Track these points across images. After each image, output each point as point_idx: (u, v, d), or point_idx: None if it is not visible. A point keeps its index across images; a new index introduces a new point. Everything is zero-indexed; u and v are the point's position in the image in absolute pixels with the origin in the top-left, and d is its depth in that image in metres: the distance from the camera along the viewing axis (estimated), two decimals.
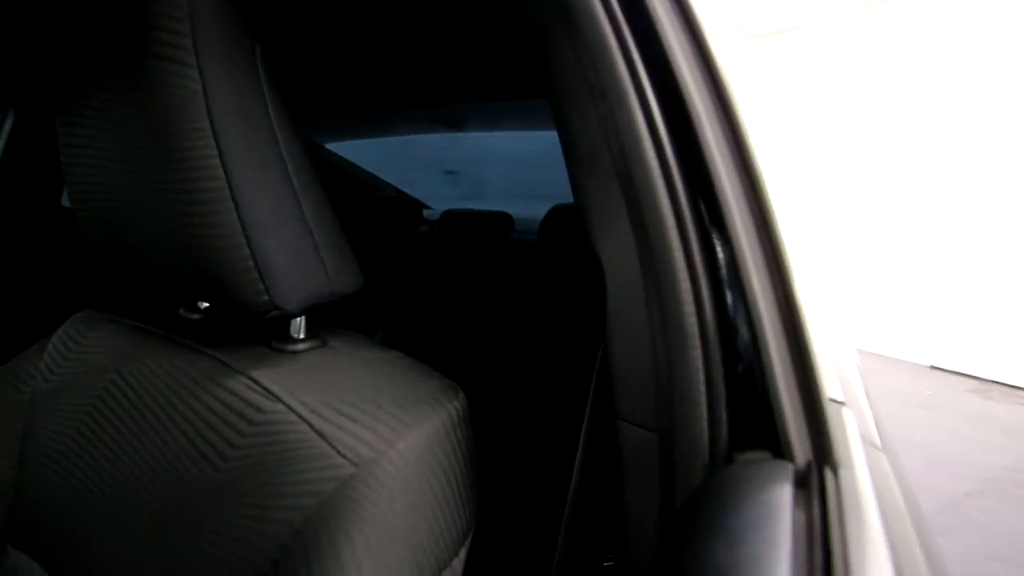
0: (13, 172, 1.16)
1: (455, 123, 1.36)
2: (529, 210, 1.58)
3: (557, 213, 1.26)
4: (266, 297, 0.34)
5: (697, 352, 0.31)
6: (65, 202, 1.28)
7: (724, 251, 0.32)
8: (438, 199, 1.84)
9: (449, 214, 1.53)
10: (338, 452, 0.28)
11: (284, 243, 0.34)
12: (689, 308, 0.32)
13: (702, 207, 0.33)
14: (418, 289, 1.21)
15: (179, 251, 0.34)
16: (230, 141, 0.32)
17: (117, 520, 0.37)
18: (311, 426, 0.30)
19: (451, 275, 1.25)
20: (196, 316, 0.47)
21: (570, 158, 0.41)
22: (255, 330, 0.43)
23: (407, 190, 1.83)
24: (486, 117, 1.38)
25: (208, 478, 0.32)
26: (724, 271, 0.32)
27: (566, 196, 1.38)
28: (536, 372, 1.02)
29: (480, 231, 1.47)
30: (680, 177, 0.33)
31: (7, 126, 1.13)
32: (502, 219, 1.49)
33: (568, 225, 1.24)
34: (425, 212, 1.79)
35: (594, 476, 0.42)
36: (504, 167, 1.83)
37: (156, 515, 0.35)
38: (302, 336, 0.41)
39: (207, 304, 0.48)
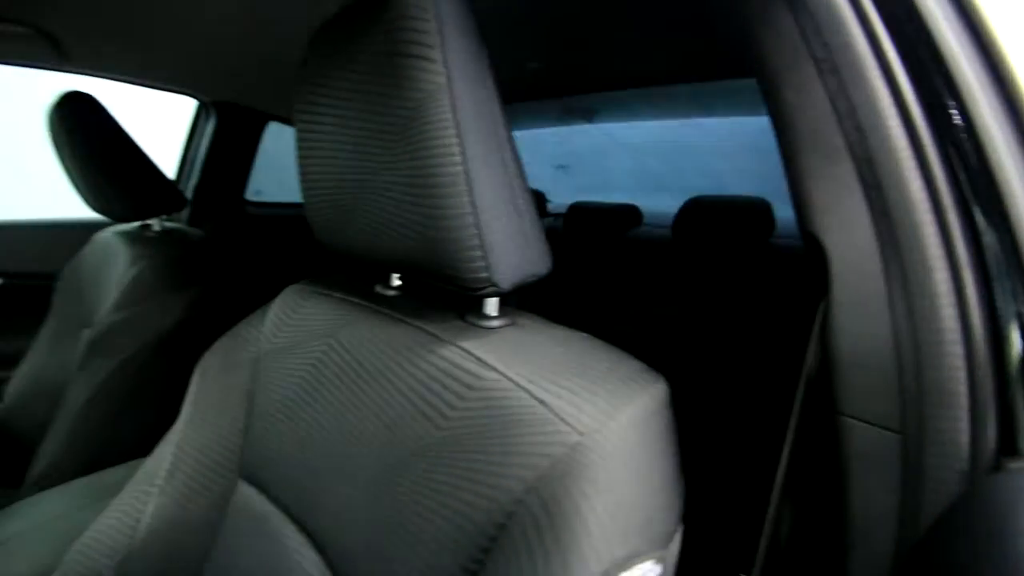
0: (213, 167, 1.38)
1: (587, 114, 1.36)
2: (652, 202, 1.54)
3: (695, 206, 1.22)
4: (485, 274, 0.36)
5: (956, 349, 0.28)
6: (247, 196, 1.50)
7: (999, 240, 0.28)
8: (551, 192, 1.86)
9: (576, 207, 1.53)
10: (562, 420, 0.30)
11: (503, 225, 0.37)
12: (946, 301, 0.29)
13: (967, 191, 0.30)
14: (553, 280, 1.23)
15: (408, 232, 0.38)
16: (468, 130, 0.34)
17: (340, 465, 0.42)
18: (531, 394, 0.32)
19: (584, 267, 1.26)
20: (391, 292, 0.53)
21: (785, 138, 0.39)
22: (446, 306, 0.47)
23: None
24: (617, 106, 1.37)
25: (431, 434, 0.36)
26: (995, 262, 0.28)
27: (697, 188, 1.33)
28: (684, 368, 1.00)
29: (607, 224, 1.46)
30: (938, 159, 0.30)
31: (210, 127, 1.34)
32: (629, 212, 1.47)
33: (708, 218, 1.19)
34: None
35: (802, 475, 0.40)
36: (625, 158, 1.79)
37: (380, 463, 0.39)
38: (495, 313, 0.43)
39: (400, 282, 0.53)
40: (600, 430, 0.30)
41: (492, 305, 0.43)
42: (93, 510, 0.62)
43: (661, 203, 1.41)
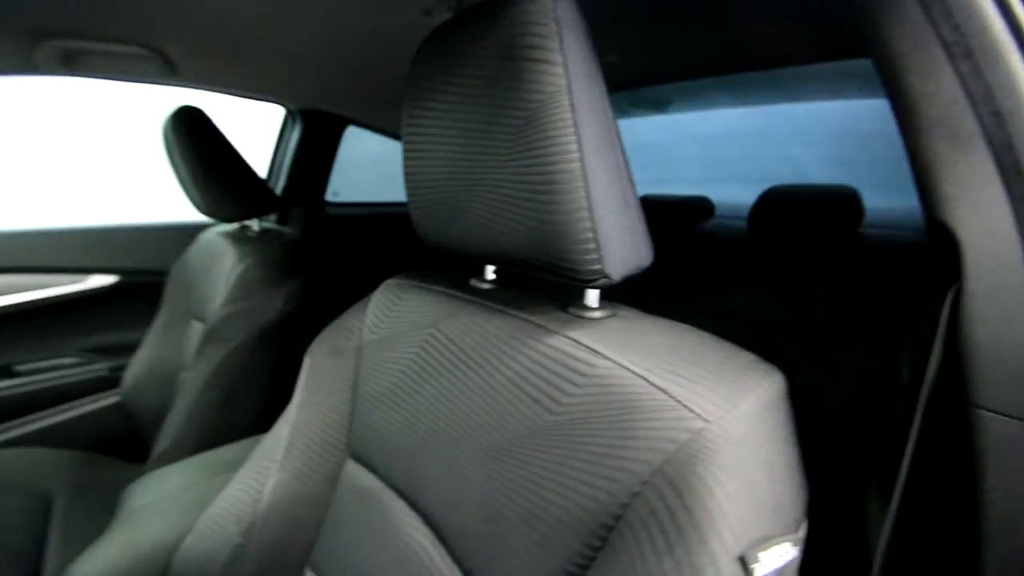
0: (299, 171, 1.47)
1: (660, 105, 1.34)
2: (724, 193, 1.49)
3: (775, 196, 1.17)
4: (598, 266, 0.38)
5: None
6: (328, 198, 1.59)
7: None
8: None
9: (643, 201, 1.51)
10: (685, 406, 0.31)
11: (615, 219, 0.38)
12: None
13: None
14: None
15: (519, 226, 0.39)
16: (585, 129, 0.36)
17: (448, 446, 0.45)
18: (648, 381, 0.33)
19: (654, 262, 1.24)
20: (486, 285, 0.55)
21: (909, 125, 0.37)
22: (545, 298, 0.48)
23: None
24: (692, 95, 1.34)
25: (543, 418, 0.38)
26: None
27: (774, 177, 1.27)
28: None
29: (676, 217, 1.43)
30: None
31: (296, 133, 1.43)
32: (700, 204, 1.43)
33: (789, 209, 1.14)
34: None
35: (929, 469, 0.38)
36: (694, 149, 1.74)
37: (489, 444, 0.41)
38: (596, 305, 0.45)
39: (494, 276, 0.55)
40: (725, 417, 0.30)
41: (593, 297, 0.44)
42: (213, 483, 0.69)
43: (734, 194, 1.37)
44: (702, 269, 1.24)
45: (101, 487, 1.06)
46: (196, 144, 0.97)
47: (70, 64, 0.99)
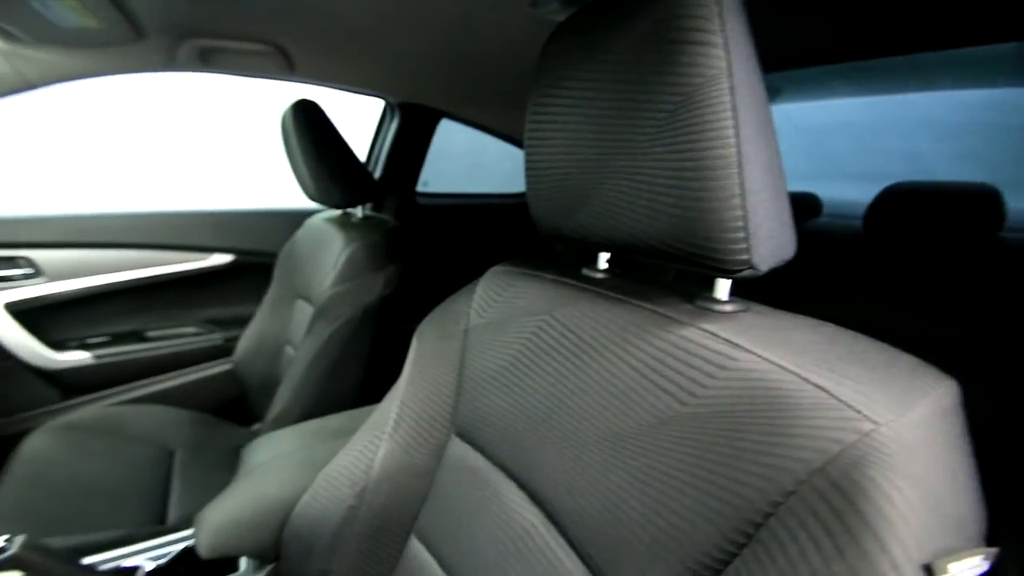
0: (395, 161, 1.55)
1: (770, 94, 1.26)
2: (833, 190, 1.38)
3: (897, 194, 1.07)
4: (746, 256, 0.36)
5: None
6: (419, 188, 1.66)
7: None
8: None
9: None
10: (849, 406, 0.29)
11: (767, 208, 0.36)
12: None
13: None
14: None
15: (657, 213, 0.38)
16: (743, 113, 0.35)
17: (561, 430, 0.45)
18: (804, 379, 0.31)
19: None
20: (599, 275, 0.54)
21: None
22: (666, 289, 0.47)
23: None
24: (806, 84, 1.25)
25: (674, 409, 0.37)
26: None
27: (893, 173, 1.16)
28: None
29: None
30: None
31: (394, 126, 1.50)
32: (806, 201, 1.34)
33: (914, 209, 1.04)
34: None
35: None
36: (800, 141, 1.63)
37: (608, 431, 0.41)
38: (726, 298, 0.43)
39: (608, 264, 0.54)
40: (898, 420, 0.28)
41: (724, 289, 0.42)
42: (322, 448, 0.74)
43: (845, 191, 1.26)
44: (807, 271, 1.16)
45: (213, 444, 1.17)
46: (311, 134, 1.04)
47: (206, 61, 1.10)
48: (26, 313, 1.21)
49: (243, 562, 0.76)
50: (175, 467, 1.06)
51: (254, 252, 1.43)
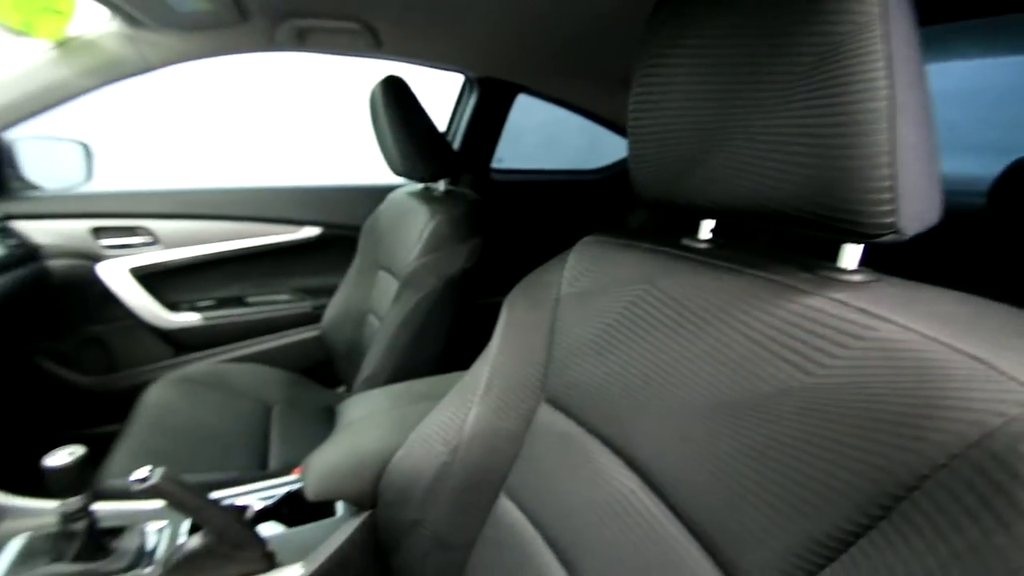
0: (472, 136, 1.57)
1: None
2: (949, 164, 1.24)
3: None
4: (892, 219, 0.34)
5: None
6: (494, 165, 1.68)
7: None
8: None
9: None
10: (1012, 378, 0.27)
11: (918, 167, 0.34)
12: None
13: None
14: None
15: (787, 175, 0.37)
16: (898, 62, 0.32)
17: (662, 399, 0.45)
18: (956, 349, 0.29)
19: None
20: (701, 244, 0.53)
21: None
22: (780, 257, 0.45)
23: None
24: (925, 44, 1.13)
25: (798, 379, 0.36)
26: None
27: (1020, 146, 1.03)
28: None
29: None
30: None
31: (472, 100, 1.52)
32: None
33: None
34: None
35: None
36: None
37: (717, 401, 0.40)
38: (854, 267, 0.41)
39: (711, 233, 0.53)
40: None
41: (852, 257, 0.40)
42: (412, 408, 0.78)
43: (963, 165, 1.14)
44: (918, 250, 1.07)
45: (305, 402, 1.27)
46: (399, 109, 1.07)
47: (302, 41, 1.15)
48: (146, 277, 1.35)
49: (339, 507, 0.82)
50: (273, 420, 1.16)
51: (339, 225, 1.50)
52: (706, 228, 0.53)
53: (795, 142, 0.36)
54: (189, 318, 1.41)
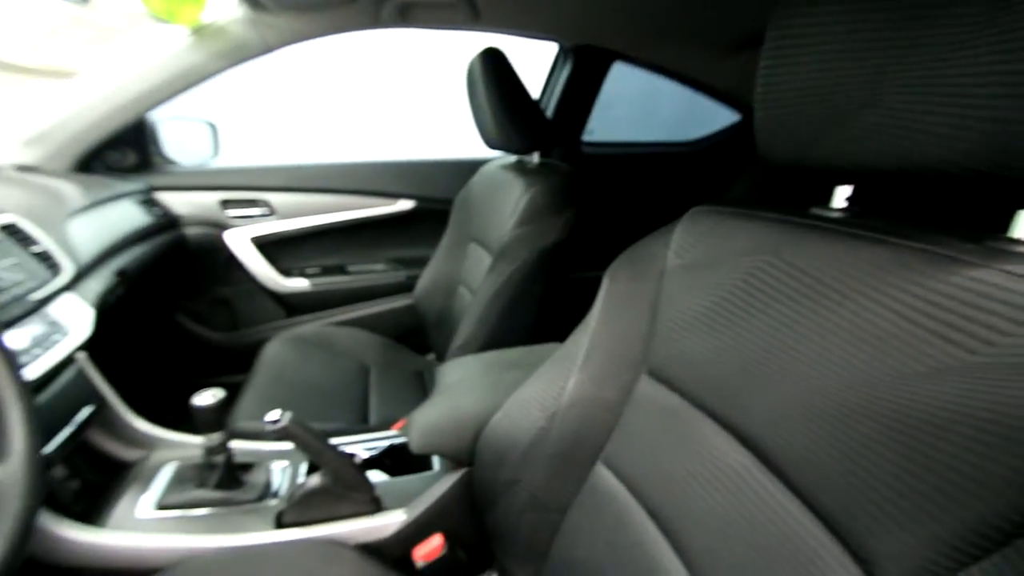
0: (565, 108, 1.55)
1: None
2: None
3: None
4: None
5: None
6: (585, 137, 1.64)
7: None
8: None
9: None
10: None
11: None
12: None
13: None
14: None
15: (960, 132, 0.32)
16: None
17: (786, 376, 0.42)
18: None
19: None
20: (834, 214, 0.49)
21: None
22: (931, 227, 0.41)
23: None
24: None
25: (957, 358, 0.32)
26: None
27: None
28: None
29: None
30: None
31: (566, 71, 1.50)
32: None
33: None
34: None
35: None
36: None
37: (851, 380, 0.37)
38: None
39: (847, 202, 0.48)
40: None
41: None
42: (506, 375, 0.80)
43: None
44: None
45: (399, 366, 1.34)
46: (497, 81, 1.07)
47: (404, 17, 1.19)
48: (264, 245, 1.49)
49: (436, 463, 0.87)
50: (371, 380, 1.24)
51: (432, 199, 1.56)
52: (841, 195, 0.48)
53: (973, 93, 0.32)
54: (299, 284, 1.53)
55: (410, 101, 3.39)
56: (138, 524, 0.71)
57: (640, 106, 1.92)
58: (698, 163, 1.76)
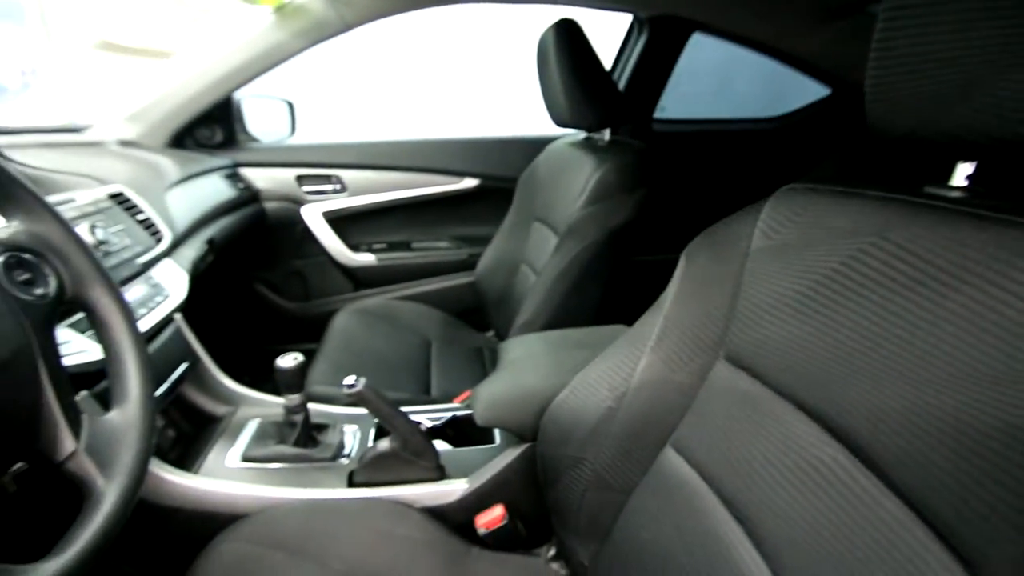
0: (638, 82, 1.49)
1: None
2: None
3: None
4: None
5: None
6: (657, 115, 1.58)
7: None
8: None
9: None
10: None
11: None
12: None
13: None
14: None
15: None
16: None
17: (885, 365, 0.39)
18: None
19: None
20: (953, 192, 0.44)
21: None
22: None
23: None
24: None
25: None
26: None
27: None
28: None
29: None
30: None
31: (641, 43, 1.44)
32: None
33: None
34: None
35: None
36: None
37: (971, 373, 0.34)
38: None
39: (968, 180, 0.44)
40: None
41: None
42: (569, 354, 0.80)
43: None
44: None
45: (459, 341, 1.37)
46: (571, 53, 1.05)
47: None
48: (335, 221, 1.55)
49: (497, 436, 0.88)
50: (432, 354, 1.28)
51: (496, 177, 1.55)
52: (962, 173, 0.43)
53: None
54: (366, 258, 1.59)
55: (482, 80, 3.39)
56: (227, 472, 0.77)
57: (710, 81, 1.82)
58: (780, 141, 1.65)
